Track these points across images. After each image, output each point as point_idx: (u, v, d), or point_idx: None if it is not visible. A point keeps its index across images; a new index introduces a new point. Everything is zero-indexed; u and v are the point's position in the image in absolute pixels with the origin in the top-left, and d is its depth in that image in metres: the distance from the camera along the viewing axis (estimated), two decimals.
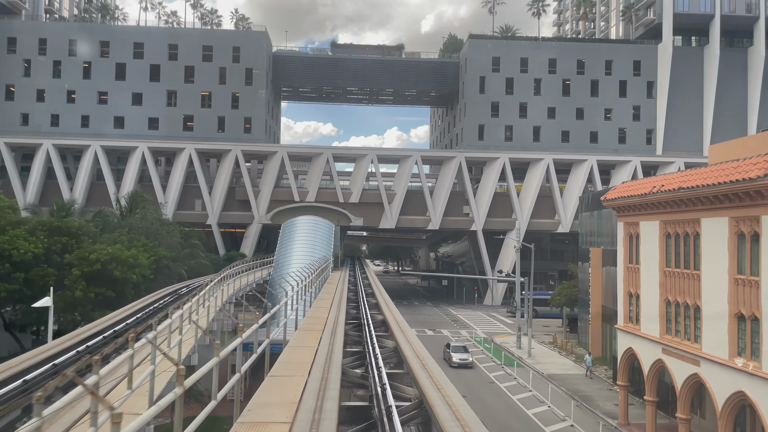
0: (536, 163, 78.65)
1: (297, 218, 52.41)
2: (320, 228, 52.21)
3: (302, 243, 49.76)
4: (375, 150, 77.69)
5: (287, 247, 48.98)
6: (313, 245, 49.97)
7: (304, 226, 51.33)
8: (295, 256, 48.06)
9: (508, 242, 78.94)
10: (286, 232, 51.47)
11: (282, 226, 53.30)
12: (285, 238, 50.52)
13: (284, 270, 46.48)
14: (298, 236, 50.33)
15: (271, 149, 77.37)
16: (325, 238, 51.68)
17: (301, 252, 48.60)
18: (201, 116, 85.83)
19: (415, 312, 73.05)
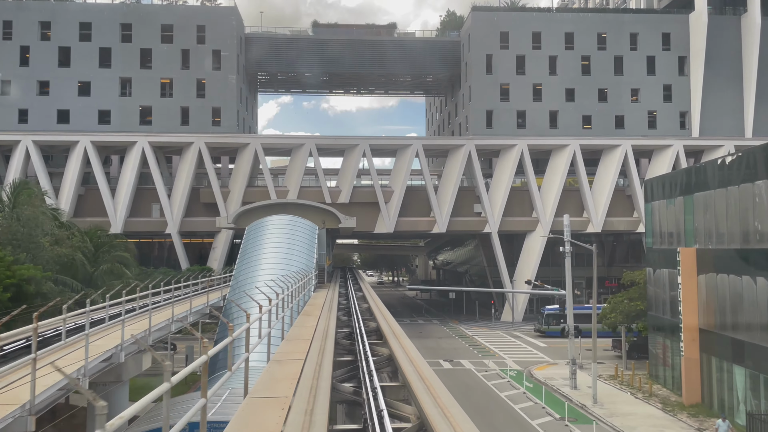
0: (559, 150, 64.18)
1: (267, 218, 37.74)
2: (299, 231, 37.41)
3: (273, 251, 34.90)
4: (367, 139, 62.99)
5: (251, 258, 34.29)
6: (289, 254, 35.05)
7: (277, 228, 36.69)
8: (262, 270, 33.06)
9: (529, 247, 64.31)
10: (251, 237, 36.86)
11: (246, 229, 38.73)
12: (249, 246, 35.82)
13: (246, 288, 31.54)
14: (267, 242, 35.56)
15: (241, 141, 62.44)
16: (306, 243, 36.84)
17: (271, 264, 33.67)
18: (161, 107, 70.69)
19: (421, 333, 58.11)
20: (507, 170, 63.21)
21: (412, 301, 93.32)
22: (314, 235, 38.33)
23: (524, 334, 58.43)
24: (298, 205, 42.87)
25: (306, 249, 36.39)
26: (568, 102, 73.30)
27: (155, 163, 61.16)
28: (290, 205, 42.41)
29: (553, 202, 63.47)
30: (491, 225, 63.31)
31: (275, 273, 33.15)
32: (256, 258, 34.32)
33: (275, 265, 33.90)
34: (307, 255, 35.99)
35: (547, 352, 49.29)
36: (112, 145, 63.27)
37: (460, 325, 64.27)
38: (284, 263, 34.20)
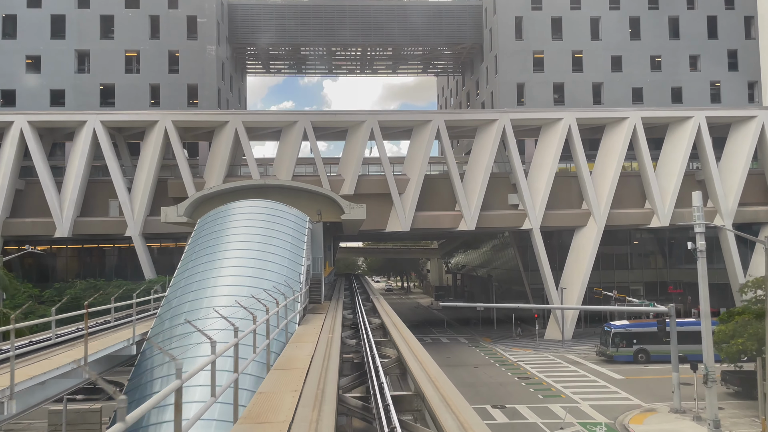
0: (615, 126, 49.93)
1: (230, 206, 23.78)
2: (281, 224, 23.35)
3: (236, 256, 20.84)
4: (375, 114, 48.83)
5: (198, 268, 20.36)
6: (262, 261, 20.95)
7: (245, 220, 22.73)
8: (213, 289, 19.08)
9: (579, 245, 50.05)
10: (202, 235, 22.91)
11: (197, 223, 24.76)
12: (198, 249, 21.82)
13: (183, 319, 17.61)
14: (227, 243, 21.54)
15: (218, 118, 48.32)
16: (291, 244, 22.78)
17: (230, 277, 19.65)
18: (125, 85, 56.85)
19: (449, 358, 43.94)
20: (550, 151, 48.98)
21: (428, 312, 78.91)
22: (304, 232, 24.11)
23: (582, 357, 44.08)
24: (282, 189, 28.76)
25: (291, 252, 22.19)
26: (614, 72, 59.38)
27: (110, 149, 47.06)
28: (271, 189, 28.27)
29: (609, 190, 49.20)
30: (532, 219, 49.07)
31: (236, 292, 19.12)
32: (206, 268, 20.14)
33: (237, 279, 19.74)
34: (292, 261, 21.78)
35: (628, 387, 34.99)
36: (57, 127, 49.13)
37: (495, 345, 49.92)
38: (253, 276, 20.07)
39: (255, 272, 20.28)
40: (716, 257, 53.56)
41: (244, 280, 19.70)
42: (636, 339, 41.53)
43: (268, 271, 20.44)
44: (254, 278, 19.96)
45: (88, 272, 52.23)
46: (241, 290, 19.16)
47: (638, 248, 57.53)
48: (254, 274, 20.17)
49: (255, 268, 20.46)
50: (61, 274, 53.41)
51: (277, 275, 20.51)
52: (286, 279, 20.53)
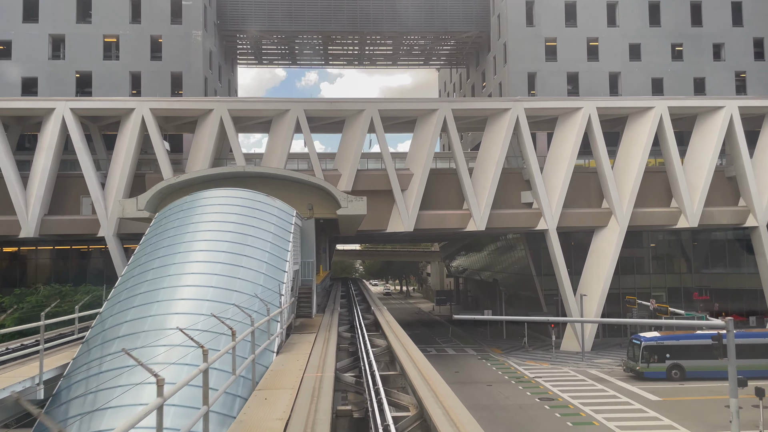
0: (639, 116, 44.87)
1: (198, 195, 18.74)
2: (261, 218, 18.01)
3: (203, 256, 15.68)
4: (376, 103, 43.63)
5: (149, 272, 15.37)
6: (234, 265, 15.73)
7: (215, 210, 17.49)
8: (168, 303, 13.90)
9: (599, 248, 44.97)
10: (161, 230, 17.89)
11: (156, 217, 19.70)
12: (153, 247, 16.89)
13: (125, 344, 12.42)
14: (191, 239, 16.48)
15: (201, 106, 43.07)
16: (273, 243, 17.42)
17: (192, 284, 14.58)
18: (103, 73, 51.55)
19: (458, 373, 38.80)
20: (568, 144, 43.88)
21: (429, 318, 73.67)
22: (289, 229, 18.85)
23: (606, 373, 38.92)
24: (265, 178, 23.55)
25: (272, 254, 16.93)
26: (632, 61, 54.36)
27: (81, 139, 41.80)
28: (252, 178, 23.02)
29: (632, 187, 44.12)
30: (548, 219, 43.94)
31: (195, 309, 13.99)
32: (157, 276, 14.90)
33: (198, 291, 14.55)
34: (273, 266, 16.52)
35: (669, 411, 29.80)
36: (24, 116, 43.82)
37: (507, 358, 44.72)
38: (219, 286, 14.85)
39: (222, 281, 15.06)
40: (747, 261, 48.57)
41: (206, 293, 14.49)
42: (669, 353, 36.39)
43: (239, 280, 15.21)
44: (221, 290, 14.73)
45: (60, 277, 46.85)
46: (201, 306, 13.98)
47: (659, 251, 52.40)
48: (221, 284, 14.95)
49: (222, 276, 15.22)
50: (30, 279, 48.05)
51: (251, 285, 15.28)
52: (263, 290, 15.29)
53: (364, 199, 23.85)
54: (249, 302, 14.45)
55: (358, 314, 24.39)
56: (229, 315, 13.61)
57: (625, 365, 38.11)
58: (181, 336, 12.67)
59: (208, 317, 13.37)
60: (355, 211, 23.44)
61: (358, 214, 23.59)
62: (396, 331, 18.91)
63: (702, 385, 35.10)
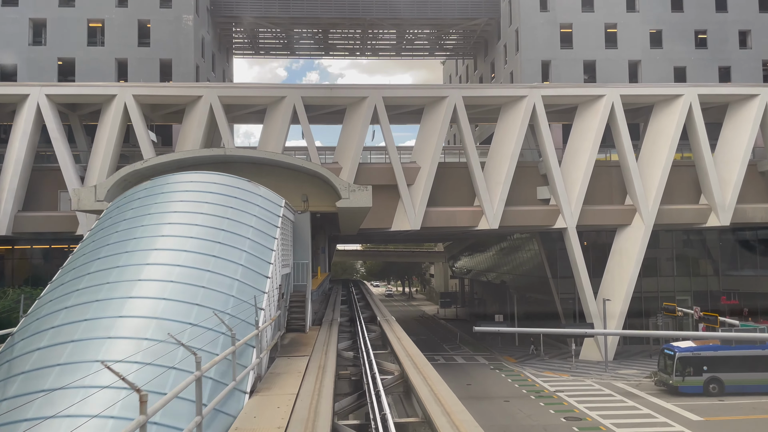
0: (667, 105, 40.81)
1: (162, 180, 14.92)
2: (240, 208, 14.04)
3: (162, 257, 11.76)
4: (380, 89, 39.57)
5: (84, 277, 11.64)
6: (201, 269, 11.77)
7: (182, 198, 13.68)
8: (109, 315, 9.68)
9: (622, 248, 40.91)
10: (109, 223, 14.12)
11: (109, 206, 15.91)
12: (96, 245, 13.17)
13: (36, 377, 8.40)
14: (146, 234, 12.61)
15: (189, 92, 39.01)
16: (254, 240, 13.51)
17: (142, 295, 10.52)
18: (88, 60, 47.50)
19: (470, 387, 34.75)
20: (589, 135, 39.82)
21: (435, 322, 69.49)
22: (276, 222, 14.72)
23: (634, 386, 34.82)
24: (250, 163, 19.42)
25: (252, 255, 12.88)
26: (653, 49, 50.27)
27: (58, 128, 37.80)
28: (234, 163, 18.92)
29: (659, 182, 40.07)
30: (566, 217, 39.88)
31: (141, 331, 9.86)
32: (94, 282, 10.92)
33: (148, 305, 10.47)
34: (252, 270, 12.46)
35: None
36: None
37: (522, 368, 40.62)
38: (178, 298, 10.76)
39: (180, 291, 10.99)
40: None
41: (155, 308, 10.43)
42: (707, 365, 32.30)
43: (203, 290, 11.14)
44: (177, 304, 10.68)
45: (38, 279, 42.79)
46: (146, 328, 9.95)
47: (683, 251, 48.26)
48: (178, 295, 10.90)
49: (181, 285, 11.15)
50: (7, 281, 44.01)
51: (220, 297, 11.23)
52: (237, 303, 11.22)
53: (369, 189, 19.83)
54: (216, 320, 10.40)
55: (361, 325, 20.33)
56: (185, 339, 9.58)
57: (657, 378, 34.03)
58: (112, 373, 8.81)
59: (155, 343, 9.38)
60: (358, 202, 19.43)
61: (362, 207, 19.57)
62: (409, 350, 14.85)
63: (743, 401, 31.05)
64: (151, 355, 8.97)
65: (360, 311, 24.99)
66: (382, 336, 19.46)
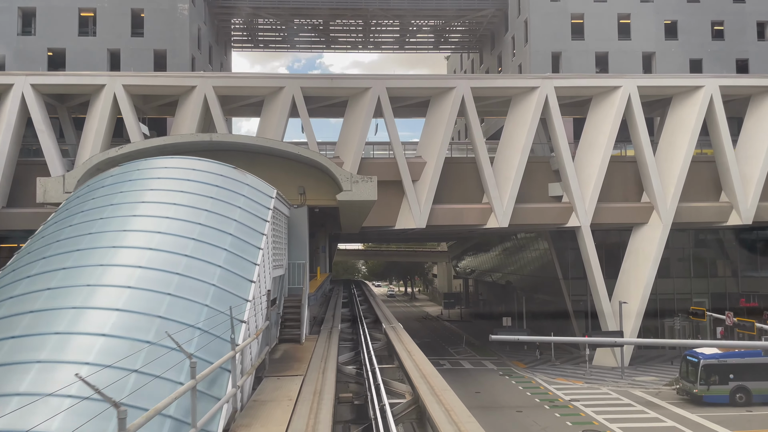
0: (686, 97, 38.46)
1: (133, 166, 12.88)
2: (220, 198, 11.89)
3: (126, 257, 9.55)
4: (383, 79, 37.24)
5: (23, 281, 9.56)
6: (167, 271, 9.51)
7: (153, 185, 11.72)
8: (53, 330, 7.47)
9: (638, 248, 38.61)
10: (67, 213, 12.02)
11: (71, 195, 13.80)
12: (48, 239, 11.11)
13: None
14: (109, 228, 10.48)
15: (182, 82, 36.71)
16: (236, 236, 11.33)
17: (96, 306, 8.27)
18: (79, 50, 45.26)
19: (479, 395, 32.45)
20: (604, 129, 37.48)
21: (439, 325, 67.11)
22: (264, 215, 12.42)
23: (654, 395, 32.46)
24: (238, 151, 17.09)
25: (232, 254, 10.57)
26: (668, 40, 47.93)
27: (43, 120, 35.52)
28: (221, 151, 16.57)
29: (677, 179, 37.72)
30: (580, 215, 37.54)
31: (85, 352, 7.43)
32: (32, 289, 8.68)
33: (98, 319, 8.13)
34: (231, 272, 10.16)
35: None
36: None
37: (533, 374, 38.25)
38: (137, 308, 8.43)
39: (140, 300, 8.71)
40: None
41: (105, 321, 8.13)
42: (733, 373, 29.94)
43: (169, 297, 8.85)
44: (134, 316, 8.38)
45: None
46: (90, 348, 7.63)
47: (700, 251, 45.88)
48: (137, 305, 8.61)
49: (142, 291, 8.87)
50: None
51: (191, 308, 8.91)
52: (210, 315, 8.89)
53: (374, 180, 17.50)
54: (184, 336, 8.10)
55: (364, 333, 18.02)
56: (139, 363, 7.35)
57: (680, 387, 31.66)
58: (52, 404, 6.89)
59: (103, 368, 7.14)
60: (361, 195, 17.11)
61: (365, 200, 17.23)
62: (423, 367, 12.52)
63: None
64: (101, 381, 6.65)
65: (362, 316, 22.67)
66: (388, 345, 17.15)
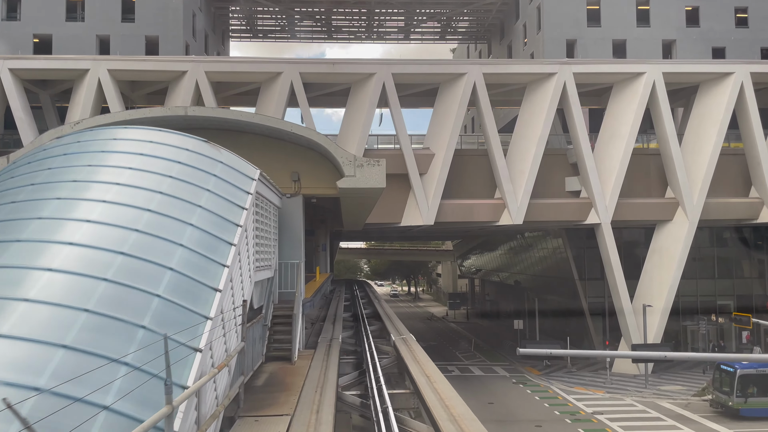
0: (715, 84, 35.38)
1: (76, 136, 10.15)
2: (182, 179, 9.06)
3: (51, 256, 6.81)
4: (389, 64, 34.22)
5: None
6: (95, 277, 6.63)
7: (97, 161, 9.15)
8: None
9: (662, 247, 35.58)
10: None
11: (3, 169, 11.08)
12: None
13: None
14: (28, 212, 7.81)
15: (172, 67, 33.74)
16: (198, 226, 8.53)
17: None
18: (66, 37, 42.31)
19: (492, 405, 29.46)
20: (627, 118, 34.44)
21: (444, 326, 64.06)
22: (242, 202, 9.51)
23: (682, 406, 29.44)
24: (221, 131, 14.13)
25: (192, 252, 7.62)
26: (689, 27, 44.84)
27: (22, 107, 32.61)
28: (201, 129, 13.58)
29: (704, 173, 34.68)
30: (600, 211, 34.52)
31: None
32: None
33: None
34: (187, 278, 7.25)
35: None
36: None
37: (549, 382, 35.23)
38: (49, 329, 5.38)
39: (47, 323, 5.69)
40: None
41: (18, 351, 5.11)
42: None
43: (87, 314, 5.87)
44: (36, 346, 5.37)
45: None
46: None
47: (725, 250, 42.80)
48: (42, 331, 5.58)
49: (53, 307, 5.87)
50: None
51: (118, 329, 5.95)
52: (148, 342, 5.91)
53: (382, 164, 14.55)
54: (102, 377, 5.14)
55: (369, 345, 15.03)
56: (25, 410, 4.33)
57: (713, 398, 28.64)
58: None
59: None
60: (366, 181, 14.15)
61: (372, 188, 14.26)
62: (453, 407, 9.52)
63: None
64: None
65: (367, 323, 19.69)
66: (399, 362, 14.18)
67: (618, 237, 37.57)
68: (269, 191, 12.33)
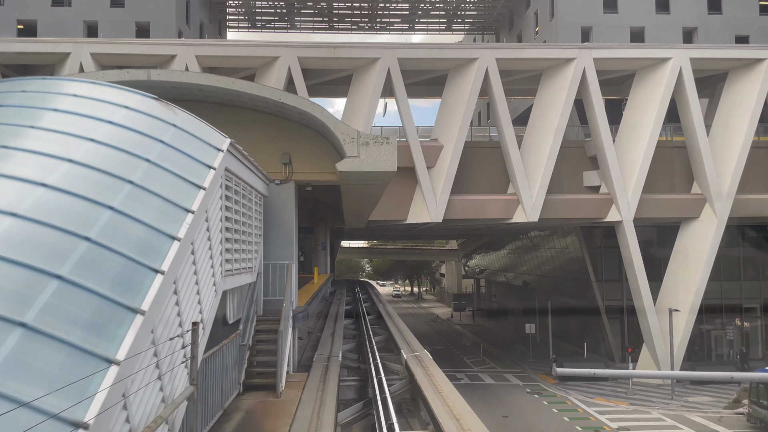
0: (745, 71, 32.48)
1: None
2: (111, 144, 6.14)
3: None
4: (395, 49, 31.38)
5: None
6: None
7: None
8: None
9: (688, 246, 32.73)
10: None
11: None
12: None
13: None
14: None
15: (160, 51, 30.93)
16: (122, 212, 5.78)
17: None
18: (52, 22, 39.57)
19: (504, 415, 26.62)
20: (651, 108, 31.58)
21: (449, 328, 61.11)
22: (198, 182, 6.72)
23: (715, 421, 26.59)
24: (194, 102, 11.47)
25: (115, 252, 4.84)
26: (711, 14, 41.99)
27: None
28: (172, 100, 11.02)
29: (734, 167, 31.82)
30: (622, 208, 31.65)
31: None
32: None
33: None
34: (97, 293, 4.47)
35: None
36: None
37: (566, 392, 32.32)
38: None
39: None
40: None
41: None
42: None
43: None
44: None
45: None
46: None
47: (751, 250, 39.90)
48: None
49: None
50: None
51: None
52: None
53: (393, 141, 11.69)
54: None
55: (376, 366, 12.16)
56: None
57: (750, 412, 25.78)
58: None
59: None
60: (373, 164, 11.29)
61: (379, 171, 11.39)
62: None
63: None
64: None
65: (372, 335, 16.83)
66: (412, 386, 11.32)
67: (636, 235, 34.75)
68: (249, 172, 9.52)
